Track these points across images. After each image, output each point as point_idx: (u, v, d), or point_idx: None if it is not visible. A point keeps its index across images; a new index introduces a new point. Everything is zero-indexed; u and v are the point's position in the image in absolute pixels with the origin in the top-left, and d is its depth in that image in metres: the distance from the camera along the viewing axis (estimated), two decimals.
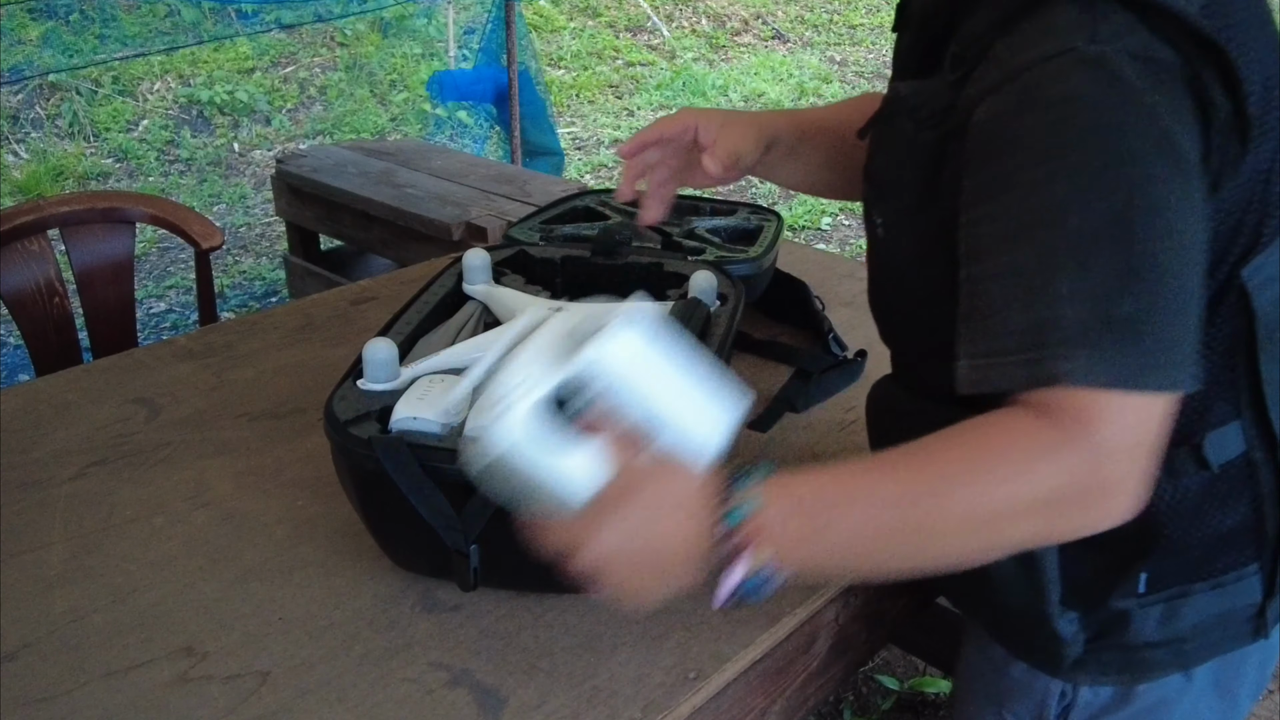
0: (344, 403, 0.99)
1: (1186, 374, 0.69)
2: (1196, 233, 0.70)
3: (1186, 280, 0.69)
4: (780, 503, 0.71)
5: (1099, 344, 0.67)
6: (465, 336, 1.16)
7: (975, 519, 0.70)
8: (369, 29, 6.20)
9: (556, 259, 1.31)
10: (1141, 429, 0.69)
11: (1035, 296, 0.68)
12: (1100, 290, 0.67)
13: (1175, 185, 0.68)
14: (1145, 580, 0.87)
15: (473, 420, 0.94)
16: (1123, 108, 0.68)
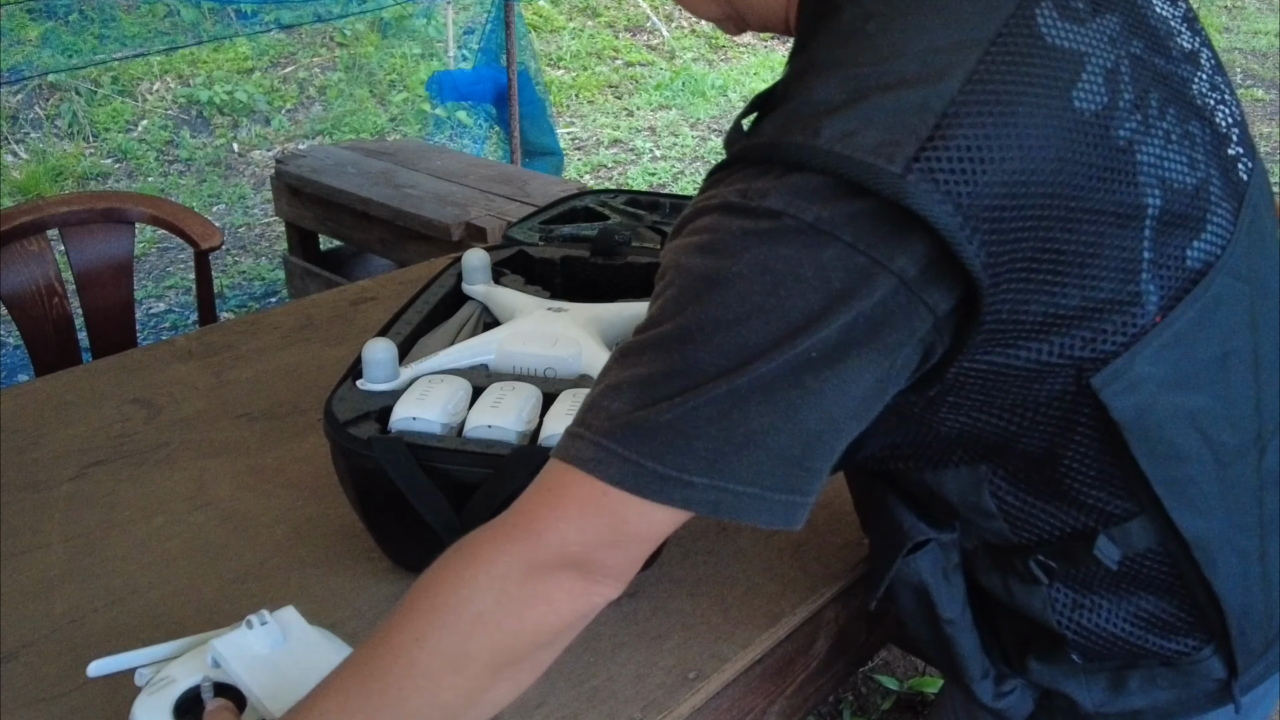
0: (343, 403, 0.99)
1: (715, 494, 0.65)
2: (780, 372, 0.64)
3: (744, 413, 0.64)
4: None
5: (618, 432, 0.65)
6: (465, 336, 1.16)
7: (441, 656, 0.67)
8: (368, 29, 6.20)
9: (556, 259, 1.31)
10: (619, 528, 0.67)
11: (605, 385, 0.68)
12: (652, 393, 0.65)
13: (763, 335, 0.64)
14: (1077, 655, 0.84)
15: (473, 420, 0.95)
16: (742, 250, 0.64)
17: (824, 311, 0.63)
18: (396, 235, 3.01)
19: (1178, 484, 0.75)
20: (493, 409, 0.96)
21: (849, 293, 0.63)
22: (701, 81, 6.47)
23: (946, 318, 0.66)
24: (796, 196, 0.63)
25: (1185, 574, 0.78)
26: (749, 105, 0.77)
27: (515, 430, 0.95)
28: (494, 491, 0.90)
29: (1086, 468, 0.75)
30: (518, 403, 0.97)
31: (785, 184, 0.64)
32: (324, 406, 0.99)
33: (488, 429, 0.95)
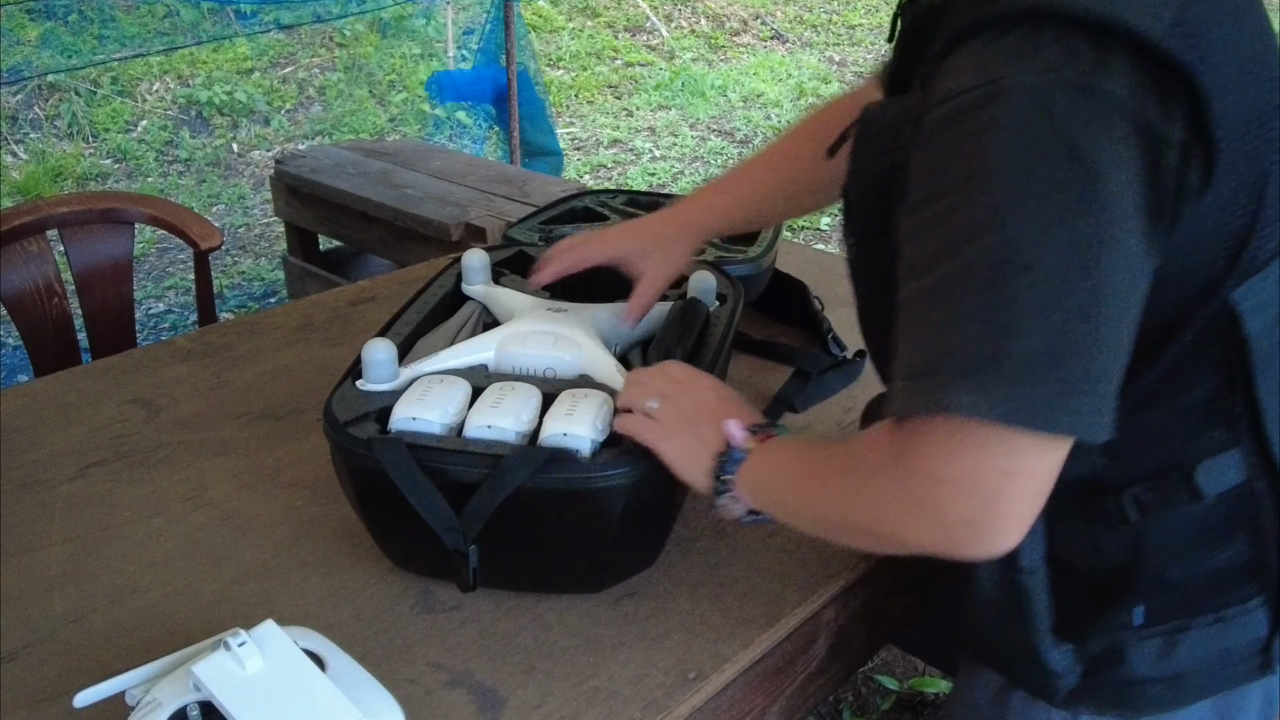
0: (343, 403, 0.99)
1: (1085, 420, 0.66)
2: (1122, 273, 0.67)
3: (1103, 322, 0.66)
4: (753, 463, 0.88)
5: (987, 379, 0.65)
6: (464, 337, 1.16)
7: (834, 500, 0.80)
8: (368, 29, 6.20)
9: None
10: (1030, 462, 0.68)
11: (936, 324, 0.68)
12: (1001, 324, 0.65)
13: (1098, 224, 0.66)
14: (1142, 613, 0.84)
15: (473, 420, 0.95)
16: (1044, 142, 0.65)
17: (1131, 181, 0.66)
18: (396, 235, 3.01)
19: (1276, 414, 0.78)
20: (492, 409, 0.96)
21: (1140, 158, 0.66)
22: (701, 81, 6.47)
23: (1190, 195, 0.70)
24: (1073, 60, 0.66)
25: (1262, 511, 0.81)
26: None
27: (515, 430, 0.95)
28: (494, 491, 0.90)
29: (1201, 392, 0.78)
30: (517, 403, 0.97)
31: (1060, 47, 0.66)
32: (324, 407, 0.99)
33: (487, 429, 0.95)
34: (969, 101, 0.68)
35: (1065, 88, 0.66)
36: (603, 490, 0.91)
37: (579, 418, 0.94)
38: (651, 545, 1.03)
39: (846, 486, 0.78)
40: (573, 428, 0.93)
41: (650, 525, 1.00)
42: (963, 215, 0.67)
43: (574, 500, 0.91)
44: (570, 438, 0.92)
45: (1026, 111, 0.66)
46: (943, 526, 0.70)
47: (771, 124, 5.92)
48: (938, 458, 0.69)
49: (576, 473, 0.91)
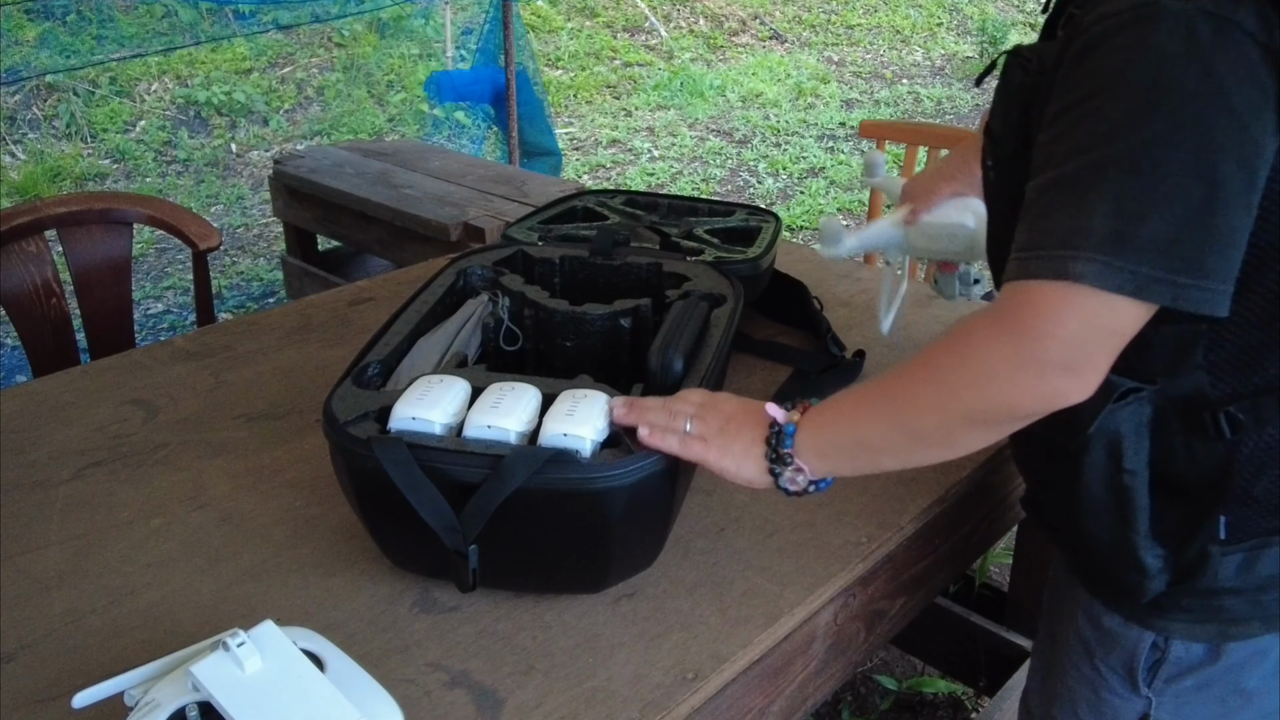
0: (342, 403, 0.99)
1: (1190, 295, 0.77)
2: (1240, 177, 0.77)
3: (1211, 217, 0.76)
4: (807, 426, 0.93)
5: (1113, 254, 0.76)
6: (465, 336, 1.16)
7: (932, 388, 0.87)
8: (366, 29, 6.20)
9: (555, 259, 1.31)
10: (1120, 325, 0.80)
11: (1077, 206, 0.78)
12: (1130, 210, 0.76)
13: (1222, 132, 0.76)
14: (1225, 525, 0.90)
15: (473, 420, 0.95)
16: (1185, 60, 0.76)
17: (1257, 99, 0.76)
18: (394, 236, 3.01)
19: None
20: (493, 409, 0.96)
21: (1267, 80, 0.76)
22: (700, 81, 6.47)
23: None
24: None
25: None
26: None
27: (515, 431, 0.94)
28: (494, 492, 0.89)
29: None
30: (517, 403, 0.97)
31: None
32: (323, 406, 0.99)
33: (488, 429, 0.94)
34: (1121, 22, 0.79)
35: (1205, 16, 0.76)
36: (603, 491, 0.91)
37: (579, 418, 0.94)
38: (651, 545, 1.02)
39: (944, 377, 0.86)
40: (573, 428, 0.93)
41: (650, 525, 1.00)
42: (1106, 115, 0.78)
43: (574, 501, 0.91)
44: (570, 438, 0.92)
45: (1171, 33, 0.76)
46: (1044, 377, 0.81)
47: (770, 124, 5.92)
48: (1051, 318, 0.79)
49: (577, 473, 0.90)
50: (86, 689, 0.79)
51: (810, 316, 1.51)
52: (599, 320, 1.19)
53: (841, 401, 0.94)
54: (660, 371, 1.05)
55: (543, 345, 1.21)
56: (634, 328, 1.19)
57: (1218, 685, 0.96)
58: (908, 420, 0.89)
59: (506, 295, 1.23)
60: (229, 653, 0.77)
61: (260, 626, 0.80)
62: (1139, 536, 0.92)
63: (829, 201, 4.82)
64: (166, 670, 0.80)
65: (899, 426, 0.90)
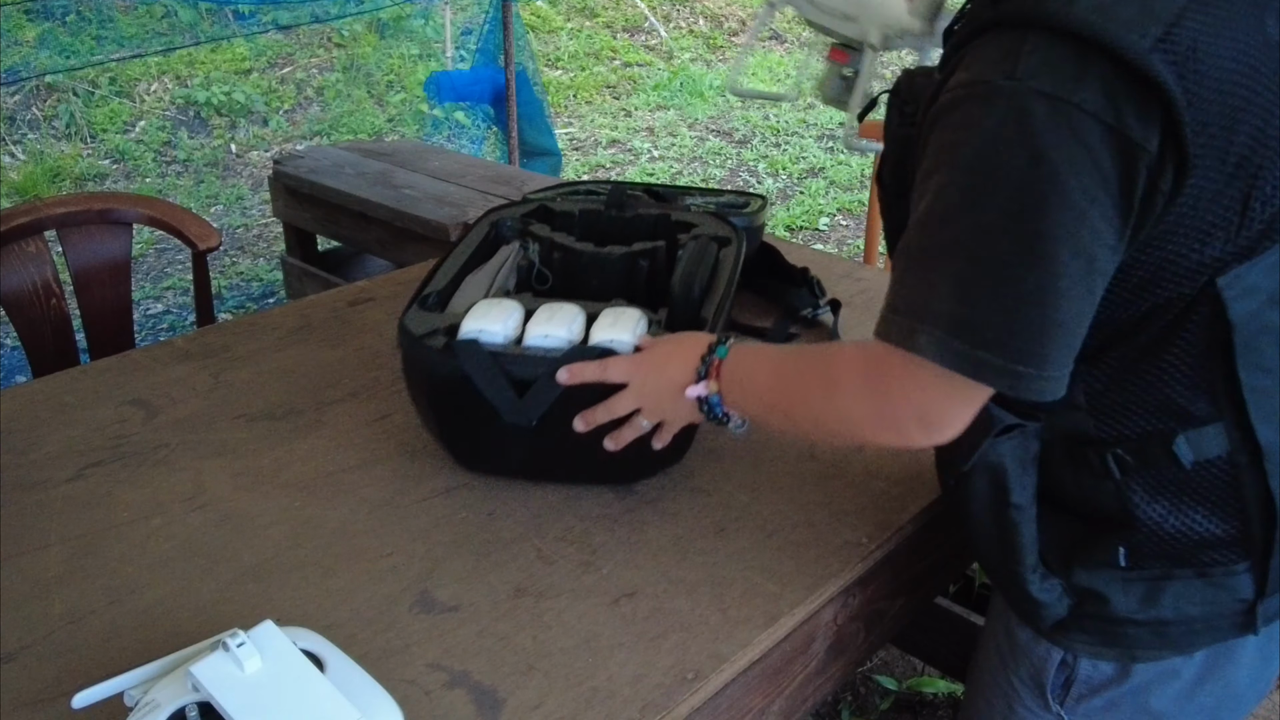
0: (413, 322, 1.15)
1: (1029, 384, 0.78)
2: (1077, 265, 0.76)
3: (1055, 304, 0.76)
4: (734, 358, 1.01)
5: (949, 336, 0.78)
6: (504, 276, 1.32)
7: (807, 413, 0.95)
8: (366, 30, 6.20)
9: (575, 212, 1.44)
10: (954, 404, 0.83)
11: (925, 280, 0.80)
12: (967, 294, 0.78)
13: (1052, 225, 0.75)
14: (1124, 554, 0.89)
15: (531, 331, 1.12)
16: (1014, 144, 0.74)
17: (1093, 185, 0.74)
18: (394, 236, 3.01)
19: (1262, 393, 0.83)
20: (547, 321, 1.12)
21: (1107, 164, 0.74)
22: (699, 82, 6.47)
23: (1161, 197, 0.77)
24: (1050, 69, 0.74)
25: (1245, 484, 0.86)
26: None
27: (567, 339, 1.11)
28: (550, 383, 1.07)
29: (1184, 367, 0.83)
30: (566, 317, 1.13)
31: (1039, 56, 0.74)
32: (398, 325, 1.14)
33: (544, 338, 1.11)
34: (958, 97, 0.78)
35: (1039, 97, 0.74)
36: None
37: (621, 326, 1.11)
38: (682, 438, 1.14)
39: (821, 400, 0.93)
40: (617, 334, 1.10)
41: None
42: (944, 194, 0.79)
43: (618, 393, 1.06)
44: (616, 342, 1.09)
45: (1001, 115, 0.75)
46: (899, 431, 0.87)
47: (770, 124, 5.92)
48: (904, 384, 0.84)
49: None
50: (86, 689, 0.79)
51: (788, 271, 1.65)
52: (620, 260, 1.33)
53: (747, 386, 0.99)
54: (683, 299, 1.19)
55: (569, 284, 1.34)
56: (650, 267, 1.34)
57: (1126, 705, 0.96)
58: (793, 418, 0.97)
59: (536, 242, 1.38)
60: (229, 653, 0.77)
61: (260, 627, 0.81)
62: (1025, 569, 0.92)
63: (829, 201, 4.82)
64: (166, 670, 0.80)
65: (788, 426, 0.99)
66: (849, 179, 5.09)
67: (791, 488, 1.17)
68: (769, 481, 1.18)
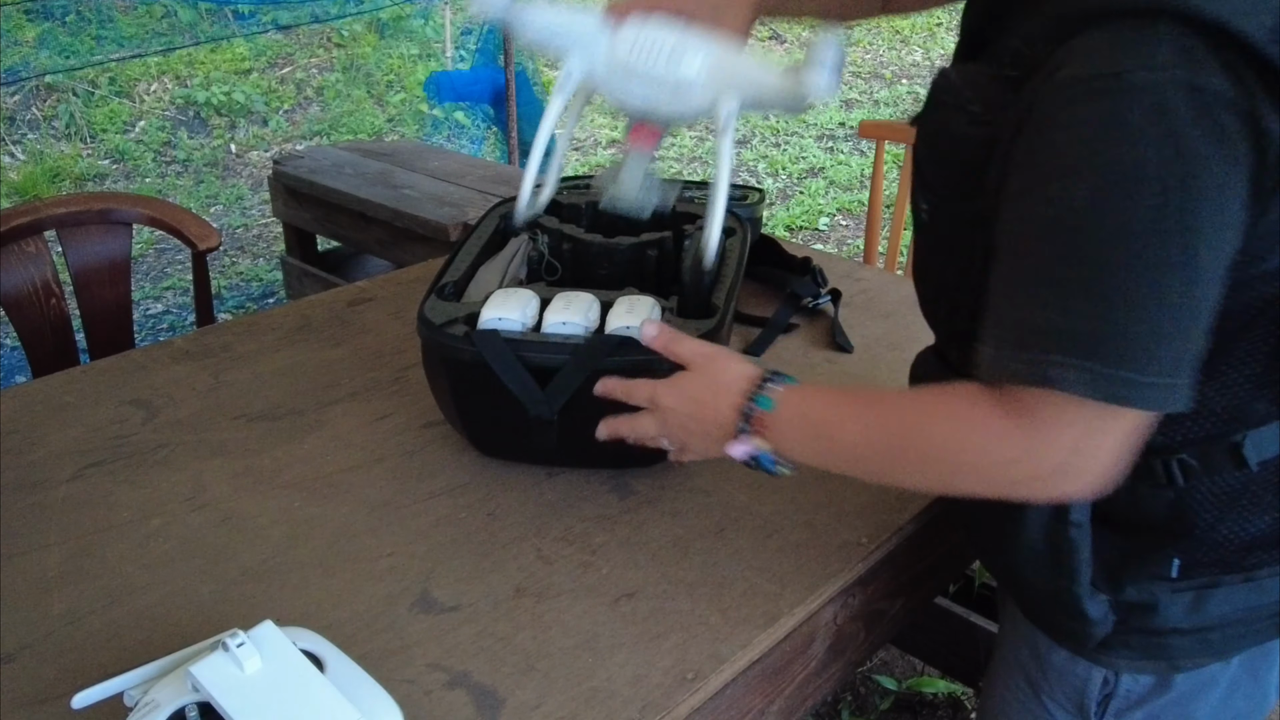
0: (433, 311, 1.16)
1: (1174, 396, 0.73)
2: (1213, 263, 0.72)
3: (1189, 309, 0.72)
4: (788, 410, 0.90)
5: (1096, 361, 0.71)
6: (515, 266, 1.33)
7: (936, 469, 0.83)
8: (366, 30, 6.20)
9: (581, 204, 1.46)
10: (1109, 436, 0.76)
11: (1051, 303, 0.73)
12: (1107, 309, 0.71)
13: (1197, 223, 0.70)
14: (1178, 566, 0.88)
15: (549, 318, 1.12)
16: (1157, 140, 0.69)
17: (1232, 178, 0.70)
18: (394, 236, 3.01)
19: None
20: (564, 309, 1.14)
21: (1243, 155, 0.70)
22: None
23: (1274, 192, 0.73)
24: (1186, 58, 0.69)
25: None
26: None
27: (584, 326, 1.13)
28: (577, 369, 1.08)
29: (1251, 368, 0.81)
30: (583, 306, 1.15)
31: (1172, 45, 0.69)
32: (417, 314, 1.15)
33: (562, 325, 1.12)
34: (1083, 93, 0.72)
35: (1179, 86, 0.69)
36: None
37: (637, 313, 1.13)
38: None
39: (938, 456, 0.82)
40: (633, 321, 1.11)
41: None
42: (1074, 200, 0.72)
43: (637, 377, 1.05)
44: (632, 329, 1.10)
45: (1141, 108, 0.69)
46: (1046, 481, 0.78)
47: (770, 124, 5.92)
48: (1051, 424, 0.75)
49: (639, 354, 1.07)
50: (86, 689, 0.79)
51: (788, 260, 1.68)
52: (629, 250, 1.35)
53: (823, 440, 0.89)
54: (694, 287, 1.20)
55: (579, 274, 1.36)
56: (659, 256, 1.36)
57: (1166, 717, 0.95)
58: (898, 479, 0.90)
59: (545, 233, 1.39)
60: (228, 653, 0.77)
61: (260, 627, 0.80)
62: (1081, 588, 0.89)
63: (829, 201, 4.82)
64: (166, 670, 0.80)
65: (888, 479, 0.90)
66: (849, 179, 5.09)
67: (791, 488, 1.17)
68: (769, 481, 1.18)
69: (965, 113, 0.83)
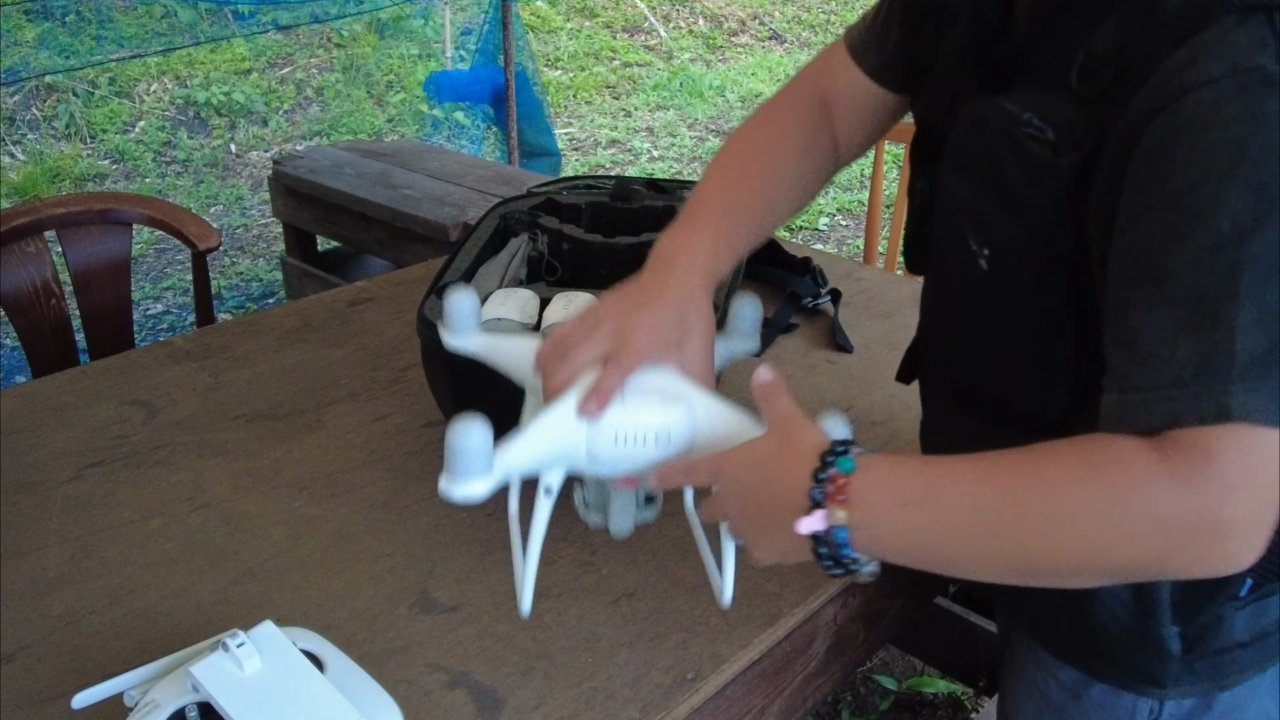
0: (435, 311, 1.14)
1: None
2: None
3: None
4: (874, 473, 0.73)
5: (1273, 381, 0.63)
6: (515, 266, 1.32)
7: (1070, 528, 0.67)
8: (366, 30, 6.20)
9: (581, 204, 1.45)
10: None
11: (1209, 325, 0.65)
12: (1275, 325, 0.64)
13: None
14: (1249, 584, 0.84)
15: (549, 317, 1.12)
16: None
17: None
18: (394, 236, 3.01)
19: None
20: (564, 309, 1.13)
21: None
22: (699, 82, 6.47)
23: None
24: None
25: None
26: None
27: None
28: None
29: None
30: (583, 306, 1.11)
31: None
32: (417, 314, 1.14)
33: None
34: (1222, 94, 0.66)
35: None
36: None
37: None
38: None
39: (1091, 524, 0.67)
40: None
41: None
42: (1226, 208, 0.65)
43: None
44: None
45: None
46: (1231, 537, 0.65)
47: None
48: (1235, 465, 0.64)
49: None
50: (86, 689, 0.79)
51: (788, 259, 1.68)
52: (629, 250, 1.33)
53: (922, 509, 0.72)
54: None
55: (579, 274, 1.35)
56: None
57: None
58: (1021, 557, 0.70)
59: (545, 233, 1.38)
60: (228, 653, 0.77)
61: (259, 627, 0.80)
62: (1163, 627, 0.85)
63: (829, 201, 4.82)
64: (166, 671, 0.80)
65: (1005, 560, 0.71)
66: (849, 179, 5.09)
67: None
68: None
69: (1039, 141, 0.75)
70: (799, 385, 1.39)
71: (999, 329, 0.87)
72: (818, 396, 1.36)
